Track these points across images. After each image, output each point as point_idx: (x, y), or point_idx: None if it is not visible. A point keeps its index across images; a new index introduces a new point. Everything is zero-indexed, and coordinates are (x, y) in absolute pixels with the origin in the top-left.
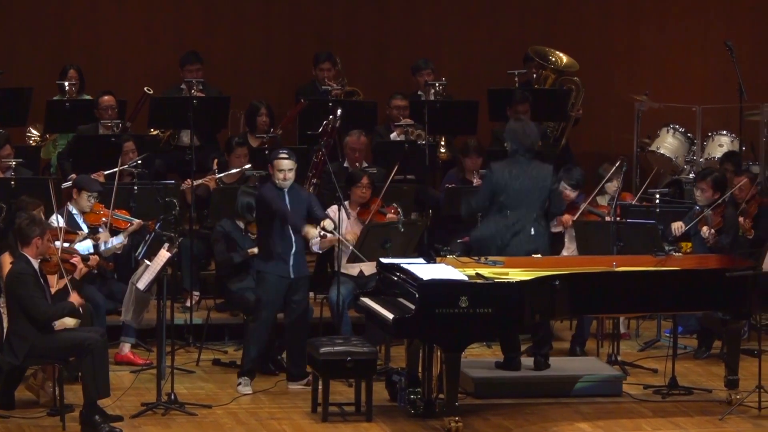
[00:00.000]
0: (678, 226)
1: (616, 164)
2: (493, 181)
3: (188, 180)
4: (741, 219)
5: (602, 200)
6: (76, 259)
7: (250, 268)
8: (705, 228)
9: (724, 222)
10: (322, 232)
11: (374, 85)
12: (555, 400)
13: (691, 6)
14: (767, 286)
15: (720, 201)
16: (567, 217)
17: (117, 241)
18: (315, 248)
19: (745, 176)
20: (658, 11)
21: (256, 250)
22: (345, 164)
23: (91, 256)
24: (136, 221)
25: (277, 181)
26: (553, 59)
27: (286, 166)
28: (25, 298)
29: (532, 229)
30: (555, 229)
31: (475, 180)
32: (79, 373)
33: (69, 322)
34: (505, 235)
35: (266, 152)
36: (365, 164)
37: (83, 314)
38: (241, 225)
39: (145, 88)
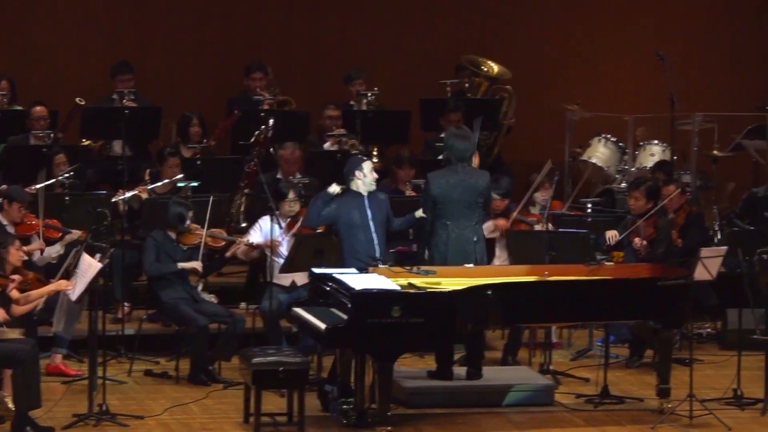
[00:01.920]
0: (612, 235)
1: (543, 171)
2: (432, 192)
3: (120, 191)
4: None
5: (534, 209)
6: (16, 276)
7: (183, 280)
8: (637, 239)
9: (657, 232)
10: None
11: (307, 95)
12: (487, 410)
13: (623, 16)
14: (698, 296)
15: (653, 211)
16: (503, 222)
17: (53, 251)
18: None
19: (672, 185)
20: (590, 21)
21: (194, 264)
22: (279, 175)
23: (14, 276)
24: (73, 231)
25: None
26: (485, 68)
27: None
28: None
29: (474, 236)
30: (489, 235)
31: (407, 191)
32: None
33: (10, 333)
34: (447, 244)
35: (198, 162)
36: (299, 175)
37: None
38: (173, 235)
39: (77, 99)
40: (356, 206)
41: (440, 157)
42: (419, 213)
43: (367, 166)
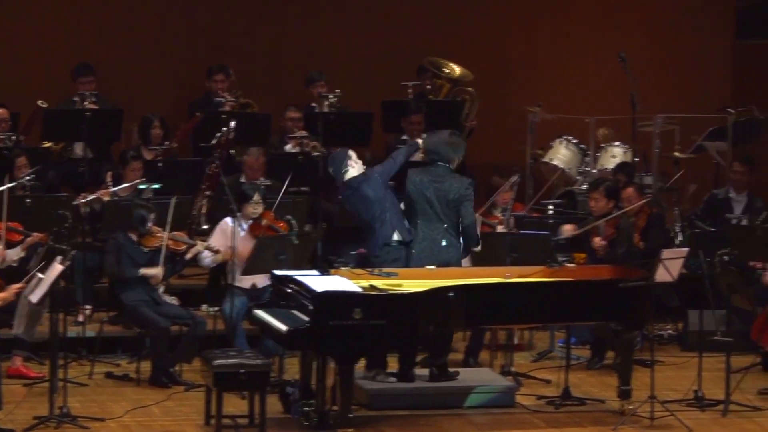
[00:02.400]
0: (569, 228)
1: (509, 181)
2: (406, 188)
3: (82, 194)
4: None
5: (497, 212)
6: None
7: (144, 282)
8: (597, 239)
9: (618, 232)
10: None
11: (268, 97)
12: (449, 412)
13: (585, 18)
14: (660, 297)
15: (616, 214)
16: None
17: (14, 254)
18: (206, 262)
19: (631, 187)
20: (552, 23)
21: (155, 271)
22: (242, 179)
23: None
24: (34, 234)
25: None
26: (447, 70)
27: None
28: None
29: (444, 240)
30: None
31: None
32: None
33: None
34: (414, 242)
35: (159, 165)
36: (261, 179)
37: None
38: (134, 237)
39: (39, 102)
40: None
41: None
42: None
43: (352, 153)
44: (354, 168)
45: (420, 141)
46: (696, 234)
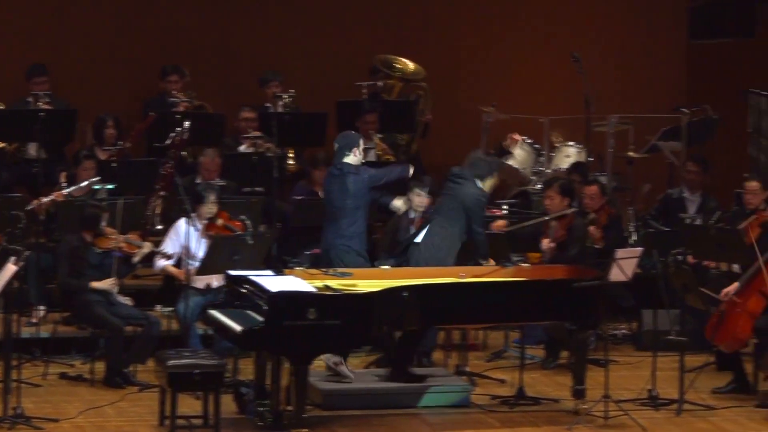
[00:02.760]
0: (499, 225)
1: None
2: None
3: (37, 200)
4: (592, 228)
5: None
6: None
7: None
8: (545, 241)
9: (570, 234)
10: None
11: (222, 97)
12: (403, 411)
13: (539, 17)
14: (614, 297)
15: (566, 212)
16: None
17: None
18: (158, 265)
19: (595, 185)
20: (505, 23)
21: (106, 284)
22: (197, 179)
23: None
24: None
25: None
26: (400, 66)
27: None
28: None
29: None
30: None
31: (322, 192)
32: None
33: None
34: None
35: (113, 165)
36: (216, 179)
37: None
38: (88, 238)
39: None
40: None
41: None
42: None
43: (362, 143)
44: (355, 157)
45: (411, 167)
46: (650, 233)
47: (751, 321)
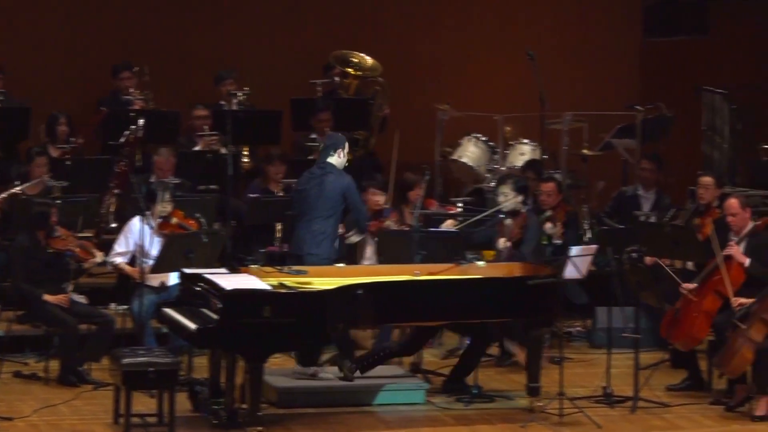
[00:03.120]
0: (449, 224)
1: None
2: None
3: None
4: (549, 224)
5: (407, 209)
6: None
7: (53, 281)
8: (502, 240)
9: (525, 232)
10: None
11: (177, 95)
12: (358, 409)
13: (493, 15)
14: (569, 294)
15: (510, 202)
16: (373, 223)
17: None
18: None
19: (552, 182)
20: (459, 21)
21: (59, 298)
22: (152, 179)
23: None
24: None
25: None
26: (357, 60)
27: None
28: None
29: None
30: (354, 239)
31: (278, 191)
32: None
33: None
34: None
35: (67, 163)
36: (170, 177)
37: None
38: (41, 238)
39: None
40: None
41: (311, 156)
42: None
43: (347, 146)
44: (339, 159)
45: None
46: (604, 231)
47: (707, 320)
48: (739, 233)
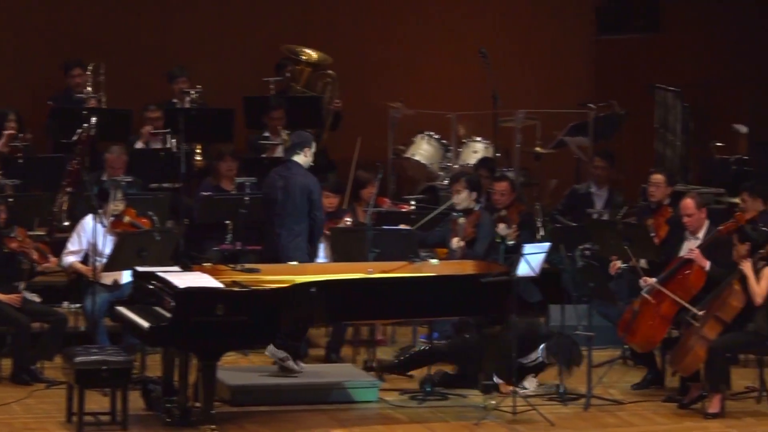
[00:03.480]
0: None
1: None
2: None
3: None
4: (503, 225)
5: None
6: None
7: (5, 279)
8: (455, 239)
9: (478, 231)
10: None
11: (129, 93)
12: (312, 407)
13: (445, 13)
14: (522, 292)
15: (458, 199)
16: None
17: None
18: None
19: (505, 181)
20: (411, 19)
21: (12, 298)
22: (103, 177)
23: None
24: None
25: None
26: (305, 56)
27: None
28: None
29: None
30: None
31: (232, 189)
32: None
33: None
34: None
35: (20, 161)
36: (121, 176)
37: None
38: None
39: None
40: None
41: (264, 155)
42: None
43: (314, 145)
44: (305, 158)
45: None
46: (557, 229)
47: (664, 324)
48: (695, 233)
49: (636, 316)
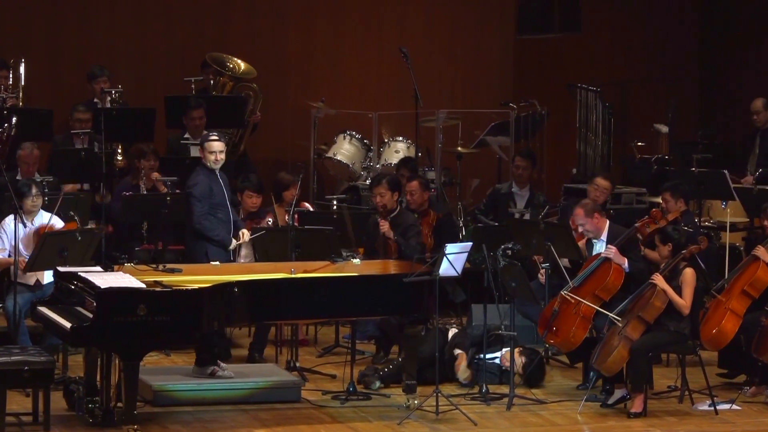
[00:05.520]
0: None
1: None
2: None
3: None
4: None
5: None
6: None
7: None
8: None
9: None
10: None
11: (50, 93)
12: (234, 407)
13: (365, 13)
14: (446, 292)
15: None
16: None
17: None
18: None
19: (415, 181)
20: (332, 18)
21: None
22: (18, 176)
23: None
24: None
25: (208, 163)
26: (231, 65)
27: (216, 148)
28: None
29: None
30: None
31: (150, 185)
32: None
33: None
34: None
35: None
36: (37, 175)
37: None
38: None
39: None
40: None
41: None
42: None
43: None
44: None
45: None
46: (479, 228)
47: (584, 324)
48: (598, 237)
49: (556, 315)
